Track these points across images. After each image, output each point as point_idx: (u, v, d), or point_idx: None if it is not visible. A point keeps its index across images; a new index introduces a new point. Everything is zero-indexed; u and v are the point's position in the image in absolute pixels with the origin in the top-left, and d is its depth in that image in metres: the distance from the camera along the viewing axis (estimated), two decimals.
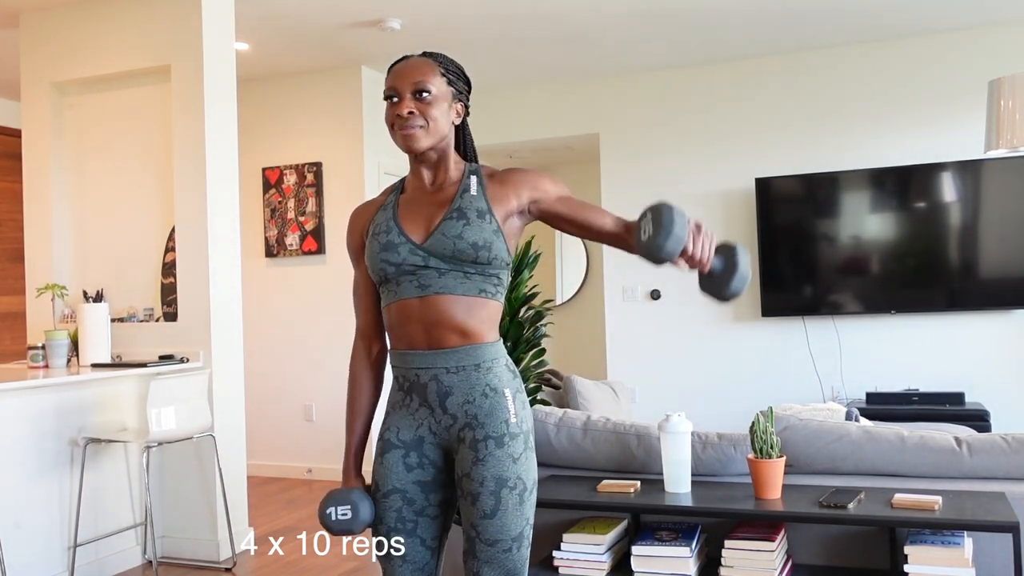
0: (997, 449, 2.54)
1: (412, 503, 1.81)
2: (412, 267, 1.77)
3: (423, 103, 1.77)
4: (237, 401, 4.49)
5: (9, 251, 6.61)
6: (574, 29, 5.44)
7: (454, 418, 1.79)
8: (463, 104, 1.86)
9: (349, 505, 1.81)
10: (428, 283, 1.76)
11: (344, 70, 6.11)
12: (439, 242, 1.75)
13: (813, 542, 2.56)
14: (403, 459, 1.82)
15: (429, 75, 1.78)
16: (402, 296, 1.78)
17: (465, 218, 1.75)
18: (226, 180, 4.48)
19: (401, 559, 1.81)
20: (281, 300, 6.29)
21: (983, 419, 5.13)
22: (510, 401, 1.78)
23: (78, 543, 3.89)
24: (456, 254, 1.74)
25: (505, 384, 1.80)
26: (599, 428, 2.89)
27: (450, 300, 1.75)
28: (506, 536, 1.74)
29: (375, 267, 1.81)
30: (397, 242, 1.78)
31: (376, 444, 1.88)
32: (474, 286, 1.77)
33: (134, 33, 4.54)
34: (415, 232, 1.79)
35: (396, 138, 1.79)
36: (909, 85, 5.82)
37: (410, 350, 1.80)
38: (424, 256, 1.76)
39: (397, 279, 1.78)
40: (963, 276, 5.56)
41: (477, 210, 1.77)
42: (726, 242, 1.69)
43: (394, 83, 1.79)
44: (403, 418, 1.83)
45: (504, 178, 1.83)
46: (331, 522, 1.81)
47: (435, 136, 1.78)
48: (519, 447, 1.77)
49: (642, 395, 6.45)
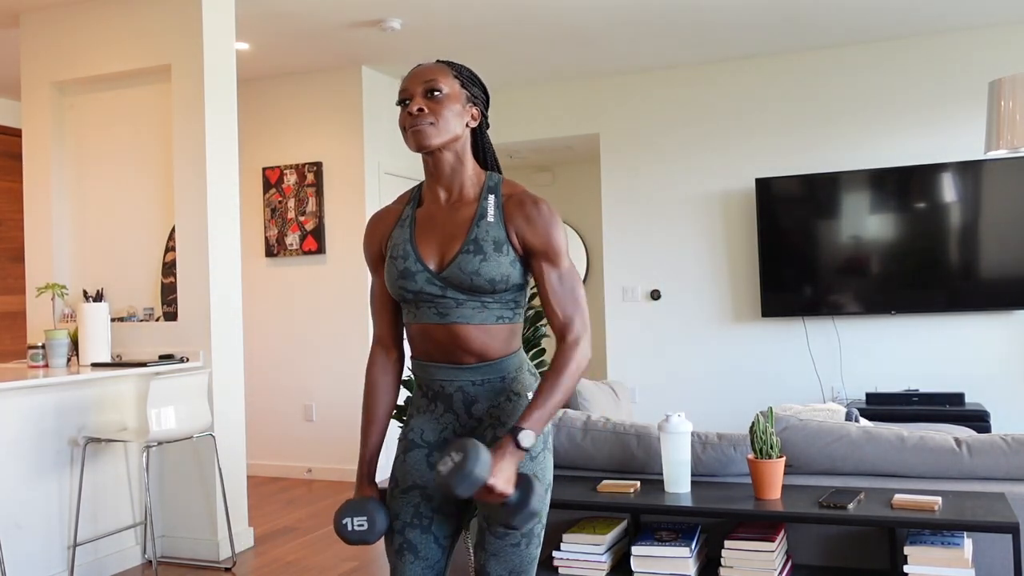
0: (997, 449, 2.54)
1: (431, 500, 1.82)
2: (430, 296, 1.77)
3: (434, 101, 1.75)
4: (237, 401, 4.49)
5: (9, 251, 6.62)
6: (574, 29, 5.44)
7: (479, 421, 1.82)
8: (479, 110, 1.83)
9: (366, 516, 1.81)
10: (446, 312, 1.76)
11: (344, 70, 6.12)
12: (456, 276, 1.74)
13: (813, 542, 2.56)
14: (426, 457, 1.83)
15: (441, 76, 1.77)
16: (422, 320, 1.79)
17: (482, 252, 1.73)
18: (226, 180, 4.48)
19: (413, 554, 1.82)
20: (281, 300, 6.29)
21: (983, 419, 5.13)
22: None
23: (78, 542, 3.90)
24: (473, 288, 1.74)
25: (528, 388, 1.83)
26: (599, 428, 2.89)
27: (469, 329, 1.76)
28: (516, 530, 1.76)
29: (394, 290, 1.81)
30: (414, 270, 1.77)
31: (398, 443, 1.89)
32: (492, 315, 1.77)
33: (134, 33, 4.54)
34: (431, 258, 1.78)
35: (407, 139, 1.77)
36: (909, 85, 5.82)
37: (433, 363, 1.81)
38: (441, 287, 1.76)
39: (416, 304, 1.79)
40: (963, 277, 5.56)
41: (494, 241, 1.74)
42: (521, 472, 1.69)
43: (407, 85, 1.78)
44: (428, 422, 1.85)
45: (530, 216, 1.77)
46: (348, 532, 1.81)
47: (445, 134, 1.76)
48: (538, 445, 1.79)
49: (642, 395, 6.45)
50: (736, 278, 6.23)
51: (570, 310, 1.76)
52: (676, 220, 6.40)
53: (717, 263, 6.28)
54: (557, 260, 1.77)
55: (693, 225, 6.35)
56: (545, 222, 1.76)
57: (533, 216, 1.76)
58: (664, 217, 6.43)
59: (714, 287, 6.29)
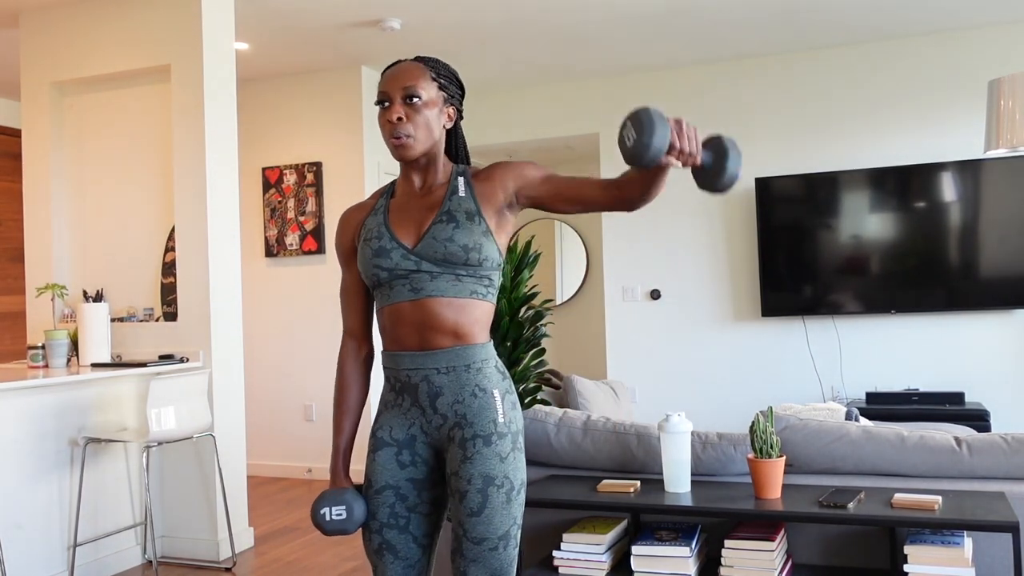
0: (997, 449, 2.54)
1: (405, 499, 1.83)
2: (404, 271, 1.79)
3: (413, 108, 1.79)
4: (237, 401, 4.49)
5: (9, 251, 6.62)
6: (574, 29, 5.44)
7: (444, 418, 1.81)
8: (455, 108, 1.88)
9: (343, 505, 1.82)
10: (420, 286, 1.78)
11: (344, 70, 6.12)
12: (430, 246, 1.77)
13: (813, 542, 2.56)
14: (396, 456, 1.84)
15: (419, 80, 1.80)
16: (395, 300, 1.81)
17: (455, 221, 1.78)
18: (226, 180, 4.48)
19: (392, 554, 1.82)
20: (281, 300, 6.29)
21: (983, 419, 5.13)
22: (498, 402, 1.81)
23: (78, 543, 3.90)
24: (447, 257, 1.76)
25: (494, 385, 1.82)
26: (599, 428, 2.89)
27: (442, 303, 1.78)
28: (492, 535, 1.75)
29: (368, 272, 1.83)
30: (389, 247, 1.80)
31: (368, 442, 1.89)
32: (465, 288, 1.79)
33: (134, 33, 4.54)
34: (406, 236, 1.81)
35: (389, 147, 1.82)
36: (909, 85, 5.82)
37: (401, 351, 1.82)
38: (416, 260, 1.78)
39: (390, 283, 1.81)
40: (963, 276, 5.56)
41: (466, 212, 1.79)
42: (712, 134, 1.68)
43: (385, 87, 1.81)
44: (395, 417, 1.85)
45: (488, 174, 1.85)
46: (325, 523, 1.82)
47: (426, 143, 1.81)
48: (507, 447, 1.78)
49: (642, 395, 6.45)
50: (736, 278, 6.23)
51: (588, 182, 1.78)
52: (676, 220, 6.40)
53: (717, 263, 6.28)
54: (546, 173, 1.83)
55: (693, 225, 6.35)
56: (511, 167, 1.84)
57: (499, 171, 1.85)
58: (664, 217, 6.43)
59: (714, 287, 6.29)
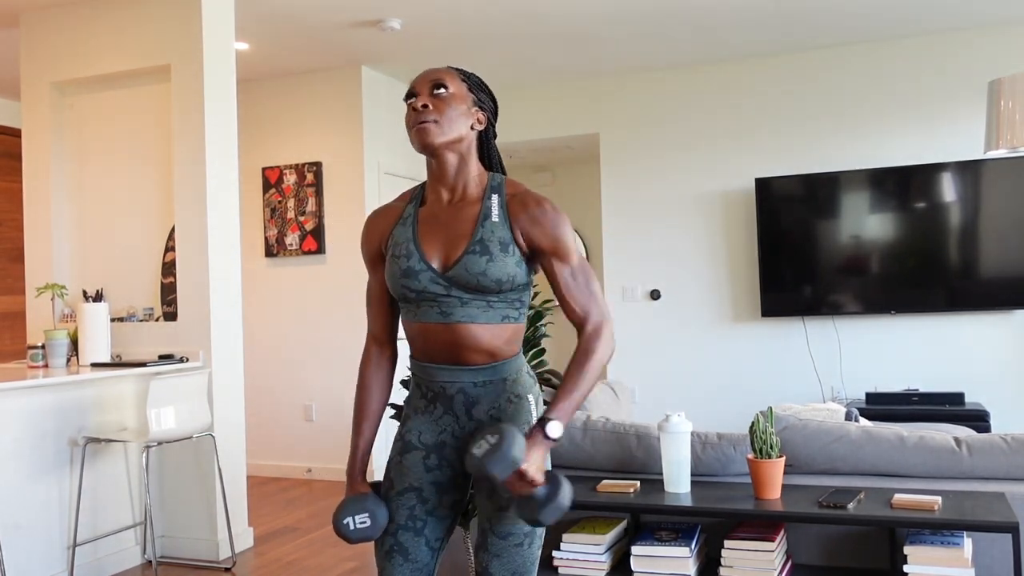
0: (997, 449, 2.54)
1: (426, 502, 1.82)
2: (433, 295, 1.75)
3: (439, 99, 1.76)
4: (237, 401, 4.49)
5: (9, 251, 6.62)
6: (574, 29, 5.44)
7: (479, 423, 1.81)
8: (486, 115, 1.84)
9: (366, 512, 1.78)
10: (450, 311, 1.75)
11: (344, 70, 6.12)
12: (461, 276, 1.73)
13: (813, 542, 2.56)
14: (423, 460, 1.82)
15: (448, 77, 1.79)
16: (423, 319, 1.77)
17: (488, 253, 1.73)
18: (226, 180, 4.48)
19: (403, 557, 1.81)
20: (281, 300, 6.29)
21: (983, 419, 5.13)
22: (532, 405, 1.82)
23: (77, 543, 3.89)
24: (479, 288, 1.73)
25: (528, 390, 1.83)
26: (599, 428, 2.89)
27: (473, 328, 1.75)
28: (519, 530, 1.76)
29: (396, 289, 1.79)
30: (418, 269, 1.76)
31: (394, 444, 1.88)
32: (497, 314, 1.76)
33: (134, 33, 4.54)
34: (435, 258, 1.76)
35: (412, 137, 1.77)
36: (909, 85, 5.82)
37: (432, 363, 1.80)
38: (446, 286, 1.74)
39: (418, 303, 1.78)
40: (963, 276, 5.56)
41: (500, 241, 1.74)
42: (552, 472, 1.68)
43: (414, 85, 1.80)
44: (426, 423, 1.84)
45: (534, 216, 1.76)
46: (349, 532, 1.78)
47: (449, 133, 1.76)
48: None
49: (642, 395, 6.45)
50: (736, 278, 6.23)
51: (585, 302, 1.77)
52: (676, 220, 6.40)
53: (717, 263, 6.28)
54: (567, 257, 1.77)
55: (693, 225, 6.35)
56: (550, 221, 1.76)
57: (538, 216, 1.76)
58: (664, 217, 6.43)
59: (714, 287, 6.29)
